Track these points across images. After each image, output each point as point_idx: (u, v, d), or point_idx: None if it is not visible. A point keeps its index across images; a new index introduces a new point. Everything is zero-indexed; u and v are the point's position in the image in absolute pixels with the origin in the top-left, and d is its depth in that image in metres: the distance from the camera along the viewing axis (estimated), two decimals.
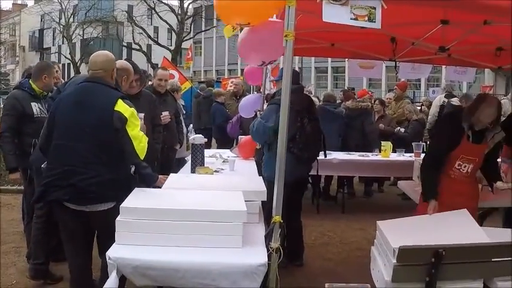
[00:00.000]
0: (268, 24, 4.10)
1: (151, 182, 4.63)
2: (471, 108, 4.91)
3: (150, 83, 8.04)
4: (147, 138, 4.31)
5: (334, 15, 3.38)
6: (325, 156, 6.78)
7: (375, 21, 3.42)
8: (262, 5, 3.84)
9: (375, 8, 3.45)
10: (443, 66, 8.20)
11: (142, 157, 4.25)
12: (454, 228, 4.15)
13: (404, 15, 5.25)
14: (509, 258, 3.83)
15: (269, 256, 3.45)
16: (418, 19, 5.50)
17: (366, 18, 3.41)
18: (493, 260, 3.81)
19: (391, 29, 5.95)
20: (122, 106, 4.14)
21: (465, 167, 4.94)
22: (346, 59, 7.76)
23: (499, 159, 6.24)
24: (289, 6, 3.52)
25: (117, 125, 4.08)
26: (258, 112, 7.00)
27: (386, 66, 7.58)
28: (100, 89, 4.23)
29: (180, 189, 4.34)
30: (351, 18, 3.38)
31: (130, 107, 4.21)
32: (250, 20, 3.97)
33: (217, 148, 10.21)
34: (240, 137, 7.63)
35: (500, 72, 19.56)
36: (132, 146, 4.13)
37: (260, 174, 5.84)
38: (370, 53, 7.12)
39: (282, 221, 3.57)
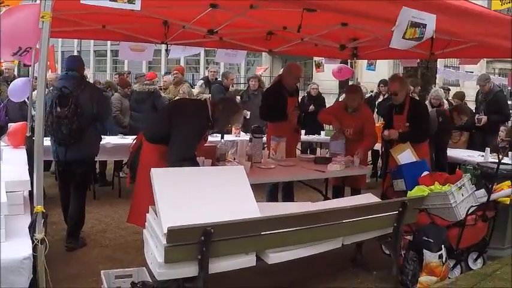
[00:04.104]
0: (22, 8, 3.79)
1: None
2: None
3: None
4: None
5: None
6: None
7: (134, 3, 3.35)
8: None
9: None
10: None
11: None
12: (229, 199, 4.27)
13: None
14: (278, 231, 4.09)
15: (35, 248, 3.31)
16: (189, 2, 5.59)
17: (126, 0, 3.34)
18: (262, 233, 4.03)
19: (163, 12, 5.99)
20: None
21: None
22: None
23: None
24: None
25: None
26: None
27: (165, 50, 7.64)
28: None
29: None
30: (110, 0, 3.29)
31: None
32: None
33: None
34: (9, 124, 7.18)
35: (277, 55, 20.58)
36: None
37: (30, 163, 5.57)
38: (142, 36, 7.13)
39: (44, 211, 3.41)
